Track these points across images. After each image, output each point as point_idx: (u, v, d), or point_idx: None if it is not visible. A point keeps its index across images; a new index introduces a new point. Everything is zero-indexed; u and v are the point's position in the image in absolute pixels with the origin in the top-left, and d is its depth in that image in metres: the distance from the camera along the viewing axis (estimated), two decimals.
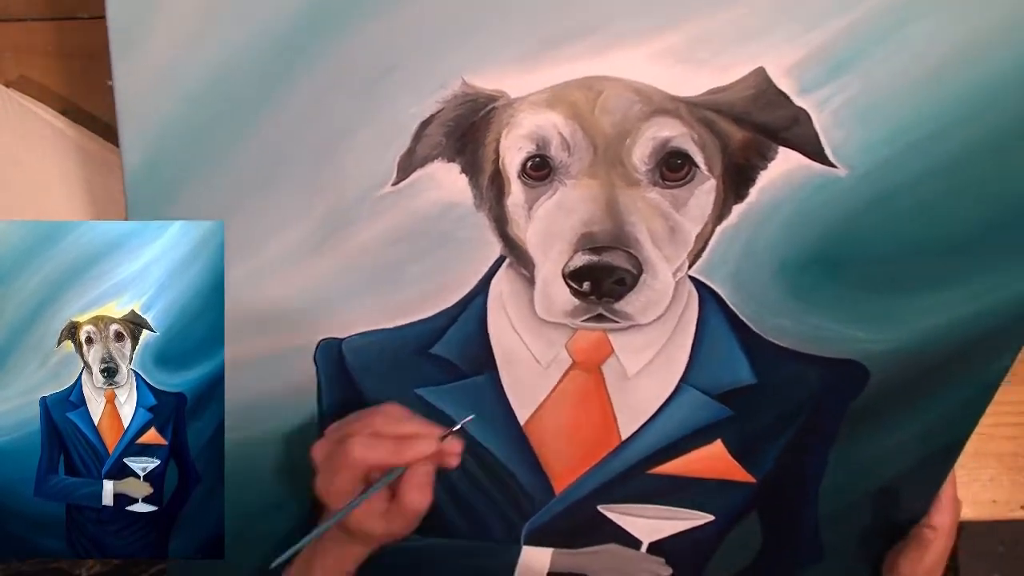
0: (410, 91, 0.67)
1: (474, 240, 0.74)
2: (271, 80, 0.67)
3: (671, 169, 0.69)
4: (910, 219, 0.71)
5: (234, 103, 0.67)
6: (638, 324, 0.75)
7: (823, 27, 0.64)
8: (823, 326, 0.77)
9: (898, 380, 0.80)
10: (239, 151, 0.70)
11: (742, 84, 0.66)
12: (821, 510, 0.89)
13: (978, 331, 0.77)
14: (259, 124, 0.68)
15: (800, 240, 0.72)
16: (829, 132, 0.67)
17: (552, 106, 0.68)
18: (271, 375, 0.80)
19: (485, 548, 0.91)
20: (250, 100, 0.67)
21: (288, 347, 0.79)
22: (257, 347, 0.78)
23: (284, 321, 0.77)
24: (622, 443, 0.84)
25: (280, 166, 0.70)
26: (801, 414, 0.83)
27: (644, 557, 0.92)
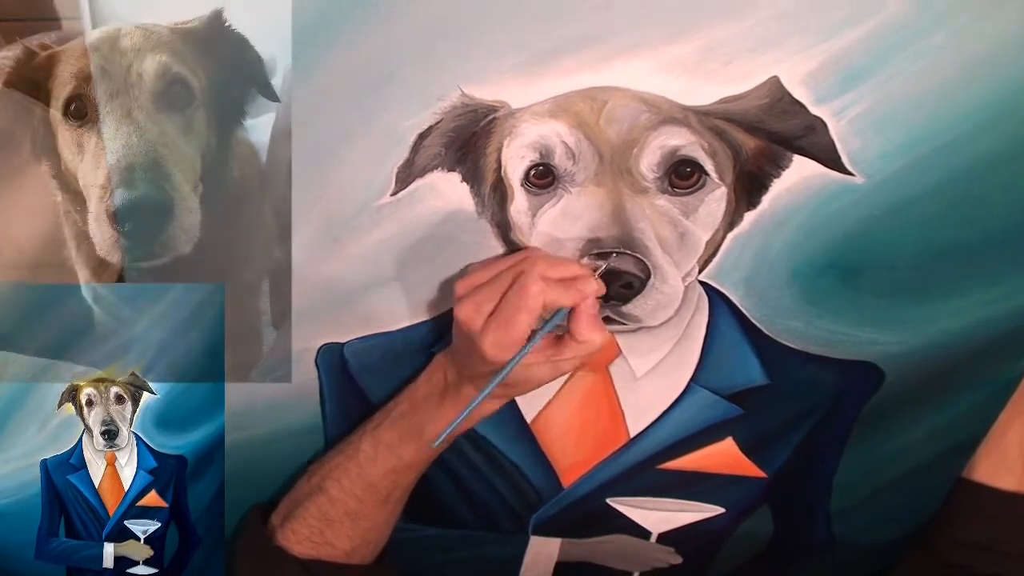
0: (407, 102, 0.65)
1: (477, 244, 0.72)
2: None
3: (680, 177, 0.67)
4: (927, 226, 0.69)
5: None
6: (647, 326, 0.73)
7: (837, 38, 0.61)
8: (836, 330, 0.75)
9: (913, 382, 0.78)
10: None
11: (756, 93, 0.64)
12: (834, 504, 0.88)
13: (993, 335, 0.75)
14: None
15: (815, 246, 0.70)
16: (846, 141, 0.65)
17: (555, 116, 0.65)
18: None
19: (494, 537, 0.91)
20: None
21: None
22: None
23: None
24: (631, 439, 0.83)
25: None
26: (814, 414, 0.82)
27: (653, 546, 0.92)
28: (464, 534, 0.91)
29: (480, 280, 0.67)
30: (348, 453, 0.77)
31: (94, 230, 0.70)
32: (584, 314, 0.66)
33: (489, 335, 0.65)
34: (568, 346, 0.67)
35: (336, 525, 0.77)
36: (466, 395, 0.71)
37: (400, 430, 0.75)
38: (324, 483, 0.77)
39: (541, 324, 0.66)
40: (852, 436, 0.83)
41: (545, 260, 0.66)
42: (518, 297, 0.64)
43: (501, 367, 0.66)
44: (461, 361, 0.71)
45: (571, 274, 0.66)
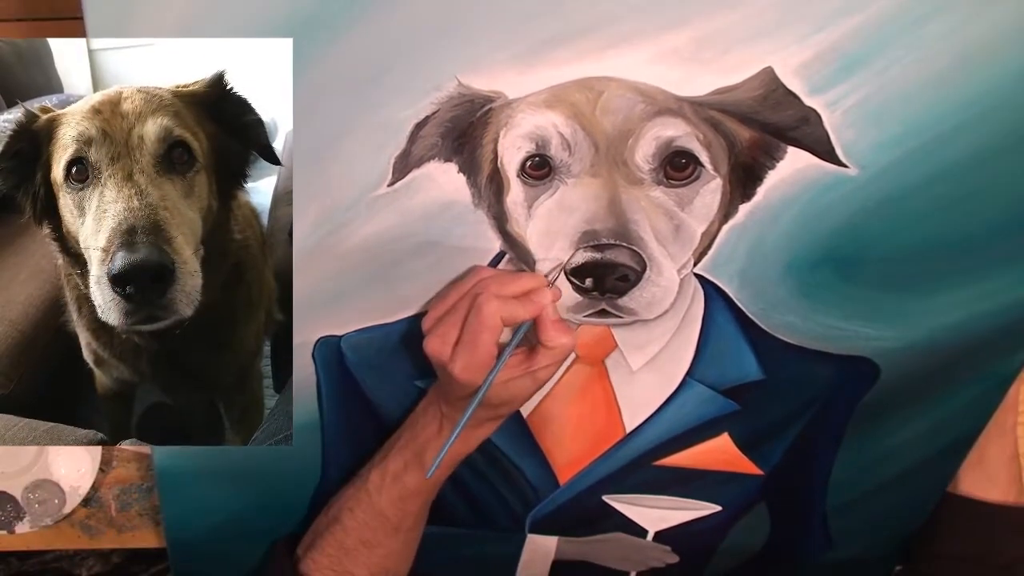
0: (404, 93, 0.65)
1: (473, 236, 0.72)
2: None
3: (675, 168, 0.67)
4: (922, 218, 0.69)
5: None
6: (642, 320, 0.73)
7: (832, 27, 0.61)
8: (832, 324, 0.75)
9: (908, 377, 0.78)
10: None
11: (750, 84, 0.64)
12: (830, 501, 0.88)
13: (989, 329, 0.75)
14: None
15: (809, 239, 0.70)
16: (840, 132, 0.65)
17: (551, 106, 0.66)
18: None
19: (492, 535, 0.91)
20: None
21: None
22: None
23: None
24: (627, 435, 0.83)
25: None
26: (810, 409, 0.82)
27: (650, 545, 0.92)
28: (461, 532, 0.91)
29: (441, 312, 0.70)
30: (358, 485, 0.80)
31: (95, 293, 0.69)
32: (547, 322, 0.69)
33: (458, 361, 0.68)
34: (541, 354, 0.70)
35: (353, 554, 0.79)
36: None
37: (404, 459, 0.77)
38: (340, 514, 0.80)
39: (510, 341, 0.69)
40: (847, 432, 0.82)
41: (497, 280, 0.69)
42: (477, 320, 0.67)
43: (478, 389, 0.69)
44: (445, 391, 0.73)
45: (525, 288, 0.69)
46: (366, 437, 0.82)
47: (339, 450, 0.83)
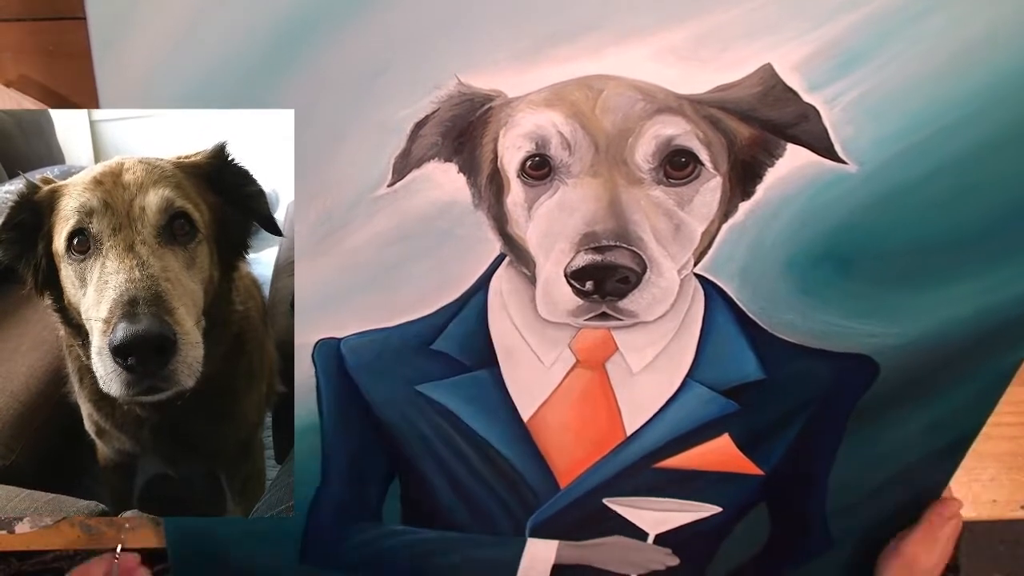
0: (403, 92, 0.65)
1: (473, 238, 0.72)
2: (260, 83, 0.64)
3: (675, 167, 0.67)
4: (922, 215, 0.69)
5: (223, 108, 0.65)
6: (643, 322, 0.73)
7: (831, 23, 0.62)
8: (832, 322, 0.75)
9: (908, 374, 0.78)
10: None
11: (749, 81, 0.64)
12: (830, 502, 0.88)
13: (989, 326, 0.75)
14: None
15: (809, 236, 0.70)
16: (839, 128, 0.65)
17: (551, 105, 0.66)
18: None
19: (492, 539, 0.91)
20: (240, 104, 0.65)
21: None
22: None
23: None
24: (628, 438, 0.83)
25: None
26: (810, 408, 0.82)
27: (650, 548, 0.91)
28: (461, 536, 0.90)
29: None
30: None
31: (96, 364, 0.69)
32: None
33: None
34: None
35: None
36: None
37: None
38: None
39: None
40: (848, 431, 0.82)
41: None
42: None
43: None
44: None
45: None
46: (366, 441, 0.82)
47: (338, 454, 0.83)
